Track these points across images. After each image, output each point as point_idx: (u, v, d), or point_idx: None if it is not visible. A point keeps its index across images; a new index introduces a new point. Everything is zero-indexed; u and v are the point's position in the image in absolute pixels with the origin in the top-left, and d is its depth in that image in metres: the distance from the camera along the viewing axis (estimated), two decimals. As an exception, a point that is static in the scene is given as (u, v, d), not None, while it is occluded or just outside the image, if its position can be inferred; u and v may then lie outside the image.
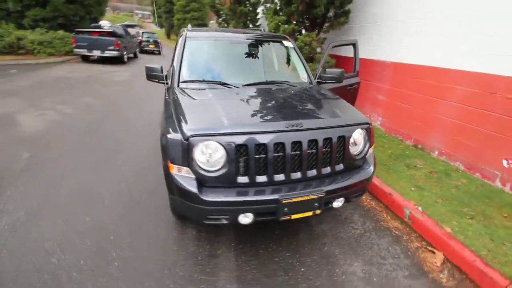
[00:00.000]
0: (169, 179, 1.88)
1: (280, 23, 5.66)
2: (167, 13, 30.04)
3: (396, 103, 4.62)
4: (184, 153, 1.78)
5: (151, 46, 18.18)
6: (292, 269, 2.04)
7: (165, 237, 2.30)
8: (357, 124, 2.07)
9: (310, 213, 1.90)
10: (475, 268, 1.98)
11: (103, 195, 2.80)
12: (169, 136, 1.85)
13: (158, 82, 2.84)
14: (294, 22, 5.53)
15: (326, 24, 5.58)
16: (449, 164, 3.66)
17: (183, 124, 1.87)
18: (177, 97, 2.33)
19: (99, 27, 12.88)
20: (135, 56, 15.39)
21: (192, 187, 1.76)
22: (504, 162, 3.05)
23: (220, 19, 15.53)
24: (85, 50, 11.31)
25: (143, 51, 17.87)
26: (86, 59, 12.25)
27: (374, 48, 4.99)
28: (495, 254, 2.09)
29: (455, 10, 3.59)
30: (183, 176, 1.81)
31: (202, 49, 2.94)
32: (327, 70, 3.05)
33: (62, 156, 3.56)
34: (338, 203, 2.04)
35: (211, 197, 1.75)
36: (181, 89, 2.53)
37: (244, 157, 1.79)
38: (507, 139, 3.02)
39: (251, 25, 11.24)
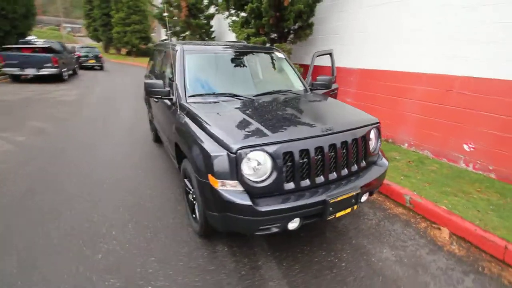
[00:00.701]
0: (214, 195, 1.83)
1: (249, 35, 5.84)
2: (103, 26, 28.01)
3: (364, 104, 5.15)
4: (231, 166, 1.76)
5: (91, 62, 16.76)
6: (334, 266, 2.14)
7: (196, 258, 2.19)
8: (372, 124, 2.31)
9: (349, 209, 2.04)
10: (477, 236, 2.35)
11: (106, 228, 2.53)
12: (210, 152, 1.82)
13: (161, 98, 2.72)
14: (263, 34, 5.77)
15: (291, 36, 5.97)
16: (419, 153, 4.23)
17: (222, 138, 1.85)
18: (194, 112, 2.28)
19: (29, 42, 11.41)
20: (75, 73, 13.99)
21: (245, 200, 1.75)
22: (465, 147, 3.67)
23: (169, 31, 15.17)
24: (17, 69, 9.91)
25: (82, 67, 16.34)
26: (16, 79, 10.71)
27: (339, 57, 5.49)
28: (485, 222, 2.52)
29: (412, 20, 4.22)
30: (232, 190, 1.78)
31: (203, 63, 2.91)
32: (318, 78, 3.30)
33: (32, 190, 3.09)
34: (365, 197, 2.22)
35: (264, 207, 1.76)
36: (192, 103, 2.47)
37: (289, 164, 1.85)
38: (465, 127, 3.65)
39: (206, 38, 11.26)
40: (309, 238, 2.46)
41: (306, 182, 1.92)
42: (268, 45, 5.96)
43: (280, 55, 3.40)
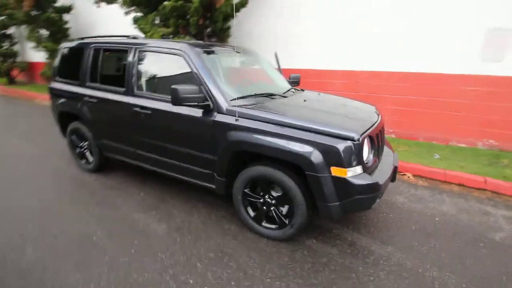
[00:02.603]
0: (339, 185, 1.96)
1: (164, 35, 5.33)
2: None
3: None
4: (356, 153, 1.96)
5: None
6: (388, 218, 2.73)
7: (302, 259, 2.17)
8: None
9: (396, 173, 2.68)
10: (427, 171, 3.63)
11: (173, 281, 1.97)
12: (335, 144, 1.93)
13: (197, 106, 2.31)
14: (182, 35, 5.43)
15: (204, 38, 5.96)
16: (343, 131, 5.55)
17: (334, 130, 1.99)
18: (259, 113, 2.22)
19: None
20: None
21: (372, 179, 2.00)
22: (374, 120, 5.22)
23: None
24: None
25: None
26: None
27: (259, 58, 6.08)
28: (427, 163, 3.86)
29: (321, 30, 5.37)
30: (358, 175, 1.98)
31: (220, 64, 2.65)
32: (290, 76, 3.72)
33: None
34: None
35: (381, 181, 2.07)
36: (241, 107, 2.29)
37: (375, 145, 2.24)
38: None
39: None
40: (353, 207, 2.92)
41: (379, 158, 2.38)
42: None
43: (262, 57, 3.54)
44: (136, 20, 5.63)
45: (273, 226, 2.34)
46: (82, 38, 3.52)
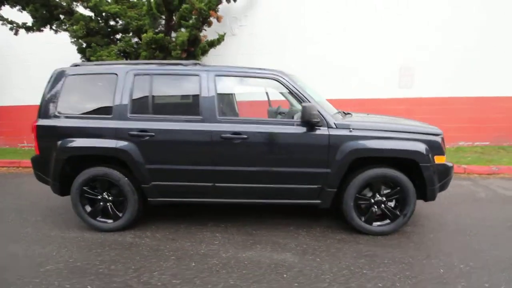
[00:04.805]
0: (441, 169, 2.59)
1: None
2: None
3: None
4: (444, 145, 2.64)
5: None
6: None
7: (426, 241, 2.58)
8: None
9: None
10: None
11: None
12: (435, 138, 2.57)
13: (314, 123, 2.46)
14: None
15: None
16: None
17: (426, 130, 2.64)
18: (365, 123, 2.70)
19: None
20: None
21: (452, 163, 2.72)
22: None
23: None
24: None
25: None
26: None
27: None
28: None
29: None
30: (447, 160, 2.66)
31: (296, 81, 2.85)
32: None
33: None
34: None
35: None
36: (350, 120, 2.68)
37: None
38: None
39: None
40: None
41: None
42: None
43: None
44: (90, 50, 4.76)
45: (385, 222, 2.65)
46: (97, 64, 2.88)
